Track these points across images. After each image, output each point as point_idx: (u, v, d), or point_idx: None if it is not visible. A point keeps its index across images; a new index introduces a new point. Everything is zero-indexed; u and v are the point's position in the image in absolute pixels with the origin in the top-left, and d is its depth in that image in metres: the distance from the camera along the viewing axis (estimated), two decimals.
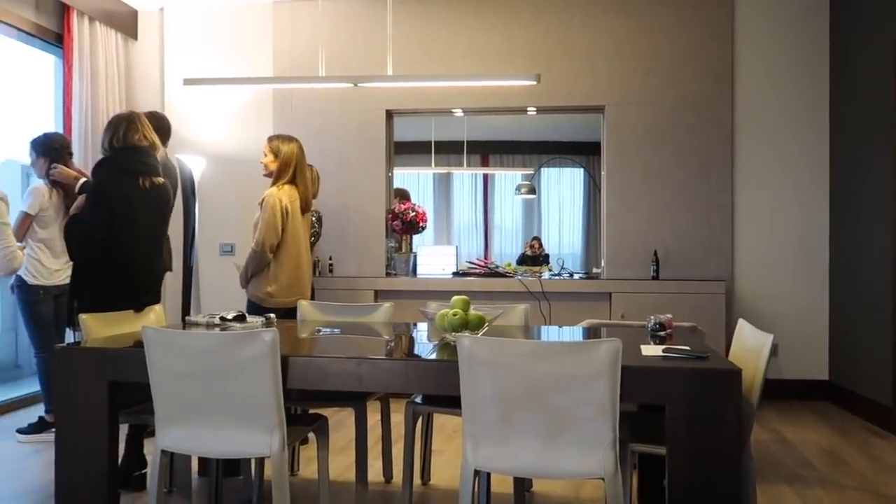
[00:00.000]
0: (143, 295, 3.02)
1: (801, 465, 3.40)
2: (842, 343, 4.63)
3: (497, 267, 5.08)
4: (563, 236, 9.97)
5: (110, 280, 2.95)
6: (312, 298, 4.05)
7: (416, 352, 2.67)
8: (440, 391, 2.14)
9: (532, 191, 9.24)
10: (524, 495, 2.75)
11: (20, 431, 3.79)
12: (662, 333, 2.66)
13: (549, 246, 9.84)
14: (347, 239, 5.05)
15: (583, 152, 9.63)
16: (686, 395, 1.92)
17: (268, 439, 2.13)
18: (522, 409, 1.95)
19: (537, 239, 9.15)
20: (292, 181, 3.45)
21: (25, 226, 3.71)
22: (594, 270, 5.22)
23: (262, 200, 3.37)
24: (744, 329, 2.44)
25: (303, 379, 2.17)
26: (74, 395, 2.29)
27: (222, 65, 5.22)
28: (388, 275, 5.00)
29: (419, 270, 5.08)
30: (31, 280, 3.72)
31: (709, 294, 4.46)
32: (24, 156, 4.11)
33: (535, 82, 3.40)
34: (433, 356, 2.30)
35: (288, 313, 3.49)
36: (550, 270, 5.41)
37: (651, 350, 2.23)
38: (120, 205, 2.94)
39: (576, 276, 4.97)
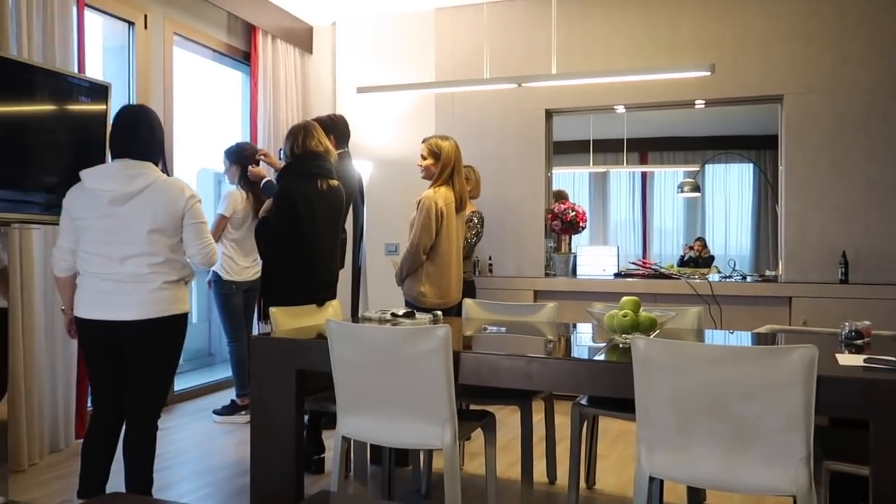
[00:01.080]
0: (321, 291, 3.23)
1: None
2: None
3: (661, 268, 4.88)
4: (730, 237, 9.38)
5: (294, 277, 3.18)
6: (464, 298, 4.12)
7: (582, 353, 2.63)
8: (612, 393, 2.09)
9: (696, 188, 8.77)
10: None
11: (216, 412, 4.21)
12: (859, 342, 2.42)
13: (715, 247, 9.31)
14: (506, 239, 5.09)
15: (752, 146, 9.02)
16: None
17: (440, 432, 2.20)
18: (703, 417, 1.86)
19: (701, 240, 8.69)
20: (448, 181, 3.51)
21: (221, 227, 4.11)
22: (767, 273, 4.85)
23: (419, 201, 3.46)
24: None
25: (474, 375, 2.22)
26: (266, 380, 2.51)
27: (388, 72, 5.47)
28: (546, 275, 4.98)
29: (579, 271, 5.00)
30: (225, 276, 4.12)
31: None
32: (217, 164, 4.57)
33: (708, 73, 3.22)
34: (602, 357, 2.25)
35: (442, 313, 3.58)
36: (719, 272, 5.12)
37: (849, 359, 2.03)
38: (302, 206, 3.17)
39: (749, 279, 4.65)
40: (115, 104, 4.30)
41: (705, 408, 1.86)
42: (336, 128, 3.84)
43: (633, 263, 5.06)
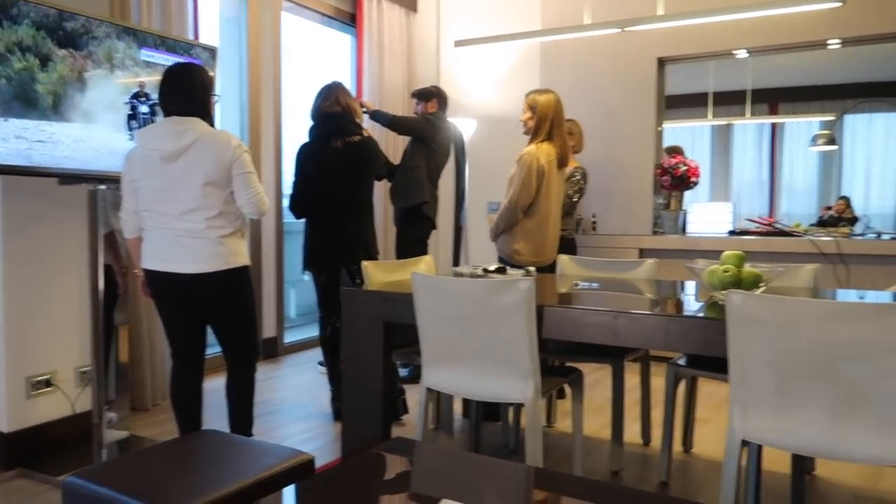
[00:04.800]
0: (334, 248, 3.33)
1: None
2: None
3: (783, 226, 4.51)
4: (871, 196, 8.54)
5: (310, 236, 3.38)
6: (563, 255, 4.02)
7: (680, 310, 2.48)
8: (704, 351, 1.95)
9: (832, 141, 8.02)
10: (803, 479, 2.42)
11: (321, 364, 4.39)
12: None
13: (854, 206, 8.57)
14: (612, 196, 4.89)
15: None
16: None
17: (523, 386, 2.17)
18: (807, 379, 1.70)
19: (844, 199, 7.92)
20: (549, 137, 3.39)
21: None
22: None
23: (520, 157, 3.37)
24: None
25: (557, 329, 2.15)
26: (357, 332, 2.57)
27: (493, 27, 5.35)
28: (654, 233, 4.75)
29: (689, 229, 4.73)
30: None
31: None
32: None
33: (839, 4, 2.88)
34: (699, 315, 2.11)
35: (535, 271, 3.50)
36: (853, 232, 4.66)
37: None
38: (312, 167, 3.31)
39: (885, 237, 4.20)
40: (228, 73, 4.52)
41: (810, 369, 1.69)
42: (440, 95, 4.23)
43: (751, 220, 4.71)
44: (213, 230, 2.48)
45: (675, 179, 4.70)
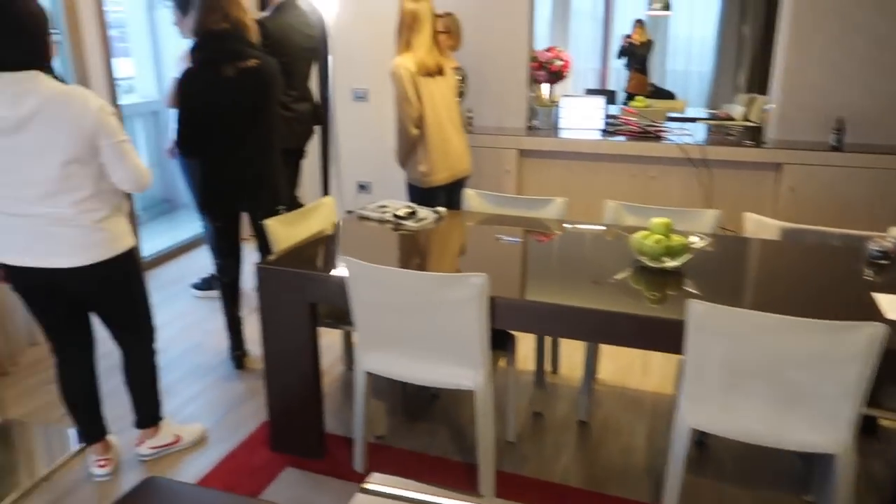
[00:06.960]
0: (232, 192, 2.91)
1: None
2: None
3: (646, 123, 4.66)
4: (692, 57, 9.13)
5: (205, 182, 2.90)
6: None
7: (609, 277, 2.49)
8: (660, 349, 1.99)
9: (666, 6, 8.28)
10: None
11: (195, 287, 4.03)
12: (885, 262, 2.41)
13: (676, 63, 9.16)
14: (485, 89, 4.72)
15: None
16: None
17: (473, 374, 2.14)
18: (755, 380, 1.84)
19: (638, 22, 8.42)
20: (408, 47, 3.19)
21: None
22: (727, 108, 4.70)
23: (391, 72, 3.18)
24: None
25: (510, 322, 2.10)
26: (277, 314, 2.34)
27: None
28: (529, 128, 4.72)
29: (562, 124, 4.76)
30: None
31: None
32: None
33: None
34: (651, 309, 2.15)
35: (449, 191, 3.39)
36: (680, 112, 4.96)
37: (891, 306, 2.00)
38: (200, 100, 2.74)
39: (746, 143, 4.52)
40: None
41: (758, 372, 1.83)
42: None
43: (620, 118, 4.82)
44: (85, 215, 2.04)
45: (551, 74, 4.62)
